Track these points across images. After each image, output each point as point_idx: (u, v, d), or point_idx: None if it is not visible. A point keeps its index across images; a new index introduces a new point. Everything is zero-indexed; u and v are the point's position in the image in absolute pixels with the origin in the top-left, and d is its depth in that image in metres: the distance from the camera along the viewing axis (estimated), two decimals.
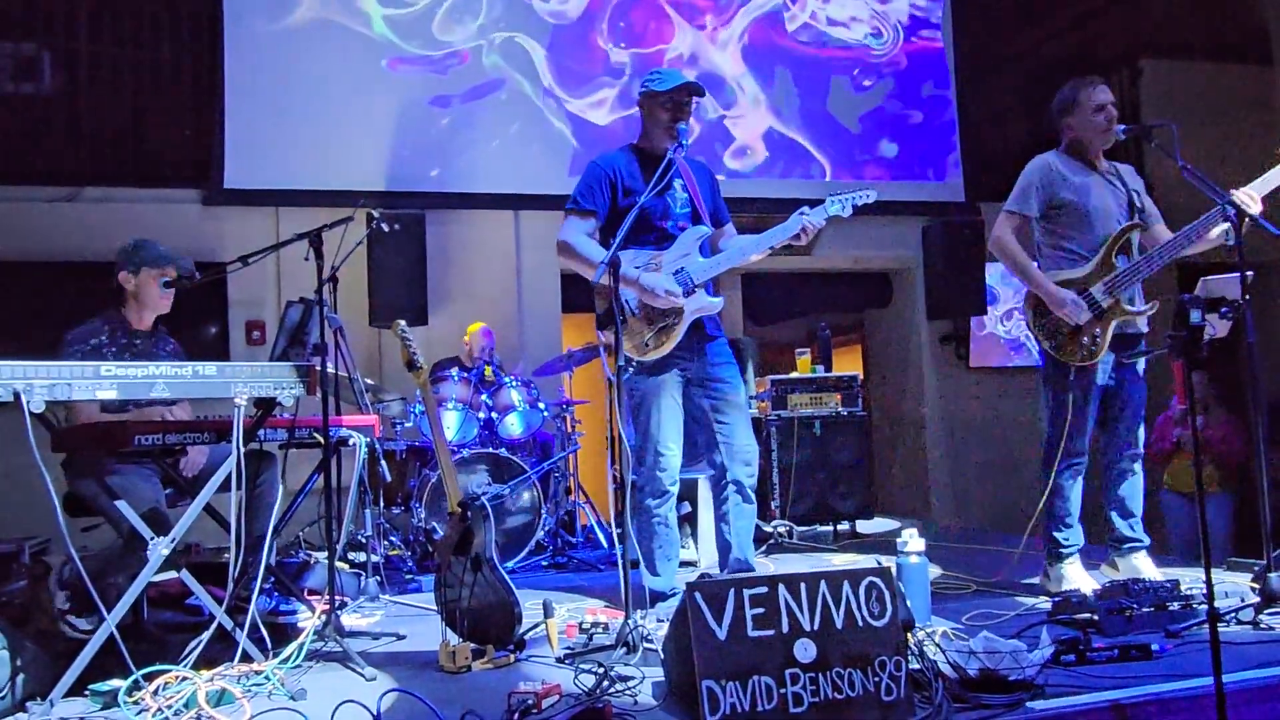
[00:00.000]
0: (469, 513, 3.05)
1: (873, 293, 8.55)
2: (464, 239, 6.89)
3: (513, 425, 5.37)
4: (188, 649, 2.75)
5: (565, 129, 7.03)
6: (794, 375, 5.96)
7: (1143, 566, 3.71)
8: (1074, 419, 3.61)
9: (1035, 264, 3.73)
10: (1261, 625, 2.94)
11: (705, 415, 3.51)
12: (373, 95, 6.67)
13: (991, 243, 3.80)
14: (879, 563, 2.54)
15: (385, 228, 5.80)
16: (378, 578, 4.23)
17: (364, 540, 4.54)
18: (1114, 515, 3.80)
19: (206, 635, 2.77)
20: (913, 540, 3.16)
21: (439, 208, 6.71)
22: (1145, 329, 3.75)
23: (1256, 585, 3.11)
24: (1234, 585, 3.35)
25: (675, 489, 3.49)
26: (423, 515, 4.89)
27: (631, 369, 3.33)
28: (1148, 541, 3.79)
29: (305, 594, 3.70)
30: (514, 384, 5.41)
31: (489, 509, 3.05)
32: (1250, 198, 3.26)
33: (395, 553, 5.04)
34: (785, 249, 3.55)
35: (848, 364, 7.66)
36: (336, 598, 3.10)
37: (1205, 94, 8.57)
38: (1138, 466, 3.78)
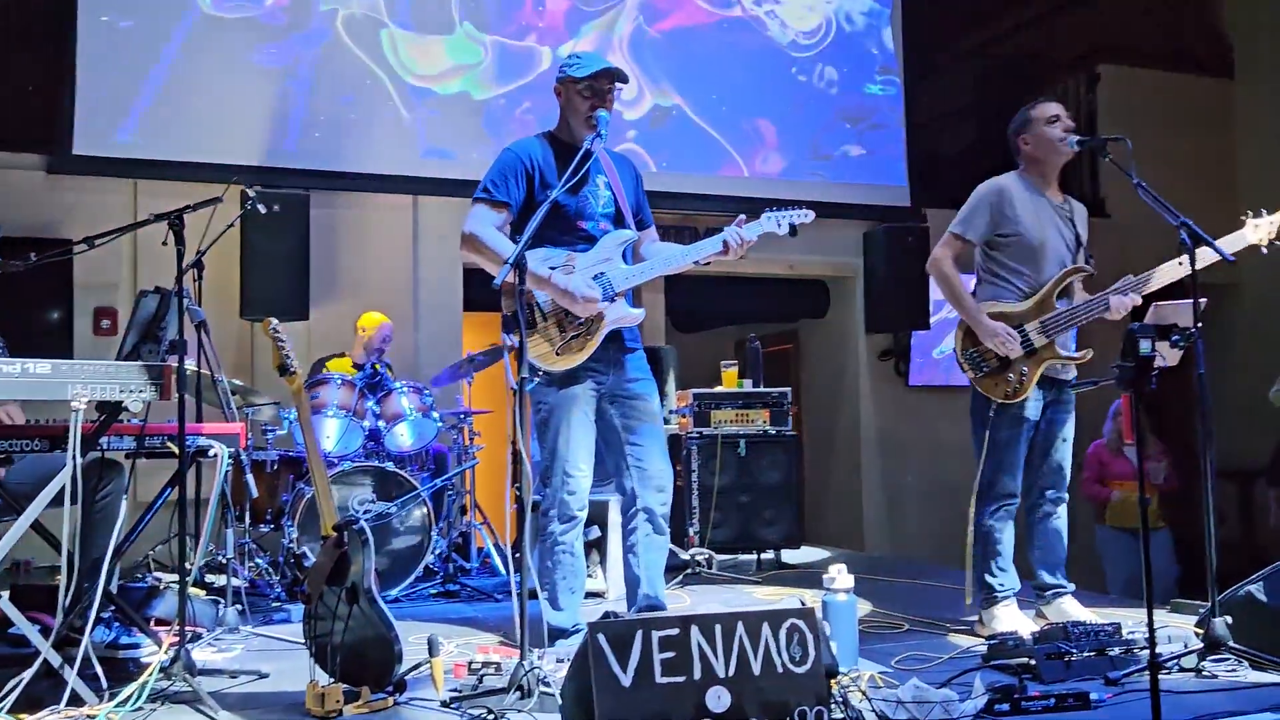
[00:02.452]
0: (345, 536, 2.98)
1: (808, 301, 8.67)
2: (354, 224, 6.79)
3: (402, 436, 5.32)
4: (6, 688, 2.62)
5: (475, 114, 6.97)
6: (719, 389, 6.01)
7: (1072, 611, 3.82)
8: (1002, 457, 3.72)
9: (971, 292, 3.85)
10: (1205, 673, 3.04)
11: (617, 435, 3.50)
12: (252, 54, 6.51)
13: (929, 264, 3.91)
14: (803, 602, 2.55)
15: (263, 209, 5.67)
16: (239, 606, 4.11)
17: (224, 562, 4.41)
18: (1036, 562, 3.93)
19: (29, 673, 2.65)
20: (840, 576, 3.20)
21: (326, 188, 6.59)
22: (1072, 375, 3.88)
23: (1200, 630, 3.22)
24: (1178, 629, 3.46)
25: (584, 514, 3.46)
26: (295, 535, 4.78)
27: (538, 379, 3.30)
28: (1071, 587, 3.92)
29: (151, 624, 3.57)
30: (405, 389, 5.36)
31: (369, 533, 2.99)
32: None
33: (261, 577, 4.94)
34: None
35: (778, 378, 7.73)
36: (188, 629, 2.99)
37: (1165, 104, 8.93)
38: (1062, 510, 3.92)
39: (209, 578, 4.75)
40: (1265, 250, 3.66)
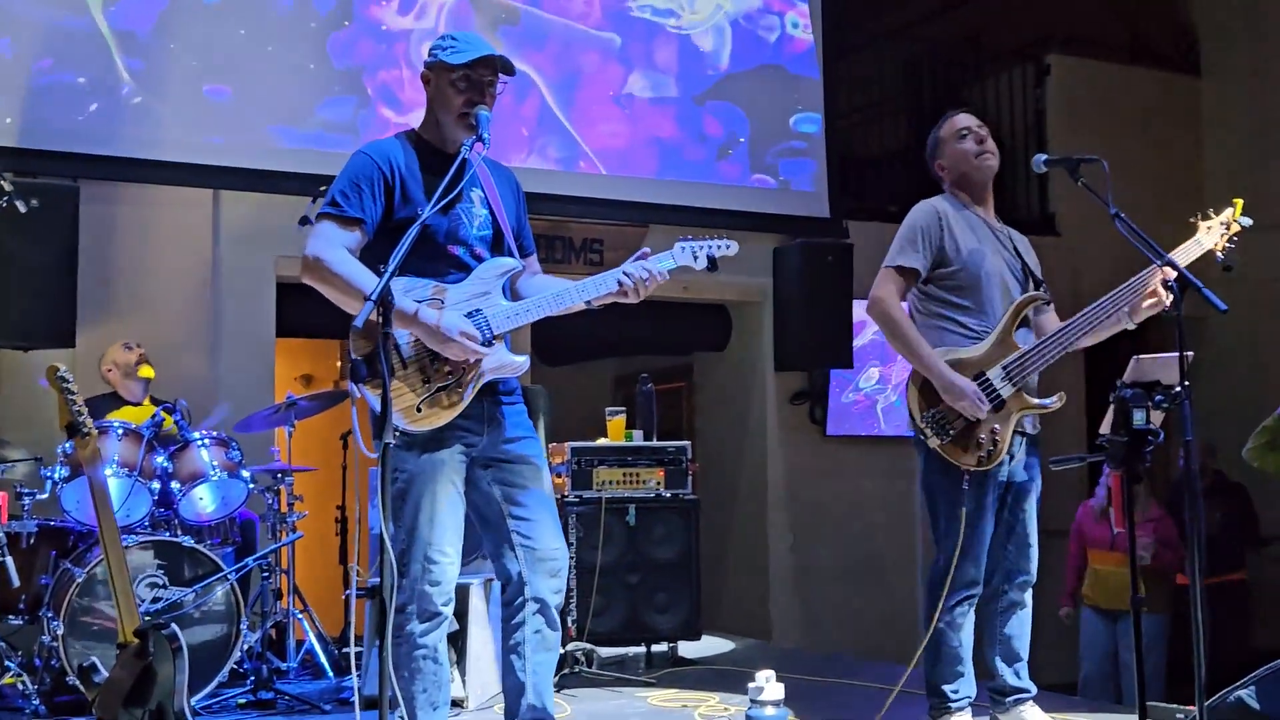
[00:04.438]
0: (151, 644, 2.93)
1: (704, 330, 8.81)
2: (137, 225, 6.64)
3: (202, 501, 5.27)
4: None
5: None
6: (603, 443, 6.05)
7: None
8: (970, 537, 3.84)
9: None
10: None
11: (496, 508, 3.49)
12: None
13: (869, 306, 4.03)
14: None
15: (21, 206, 5.48)
16: None
17: None
18: (997, 660, 4.06)
19: None
20: (769, 686, 3.28)
21: (101, 177, 6.43)
22: (1036, 429, 4.05)
23: None
24: None
25: (449, 609, 3.44)
26: (60, 630, 4.64)
27: (395, 441, 3.29)
28: (1034, 690, 4.07)
29: None
30: (206, 441, 5.29)
31: (182, 639, 2.94)
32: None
33: (11, 682, 4.80)
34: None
35: (668, 424, 7.83)
36: None
37: (1121, 101, 9.46)
38: (1028, 596, 4.06)
39: None
40: (1221, 256, 3.93)
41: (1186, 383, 3.24)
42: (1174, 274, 3.41)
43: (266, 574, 5.39)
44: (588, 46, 7.69)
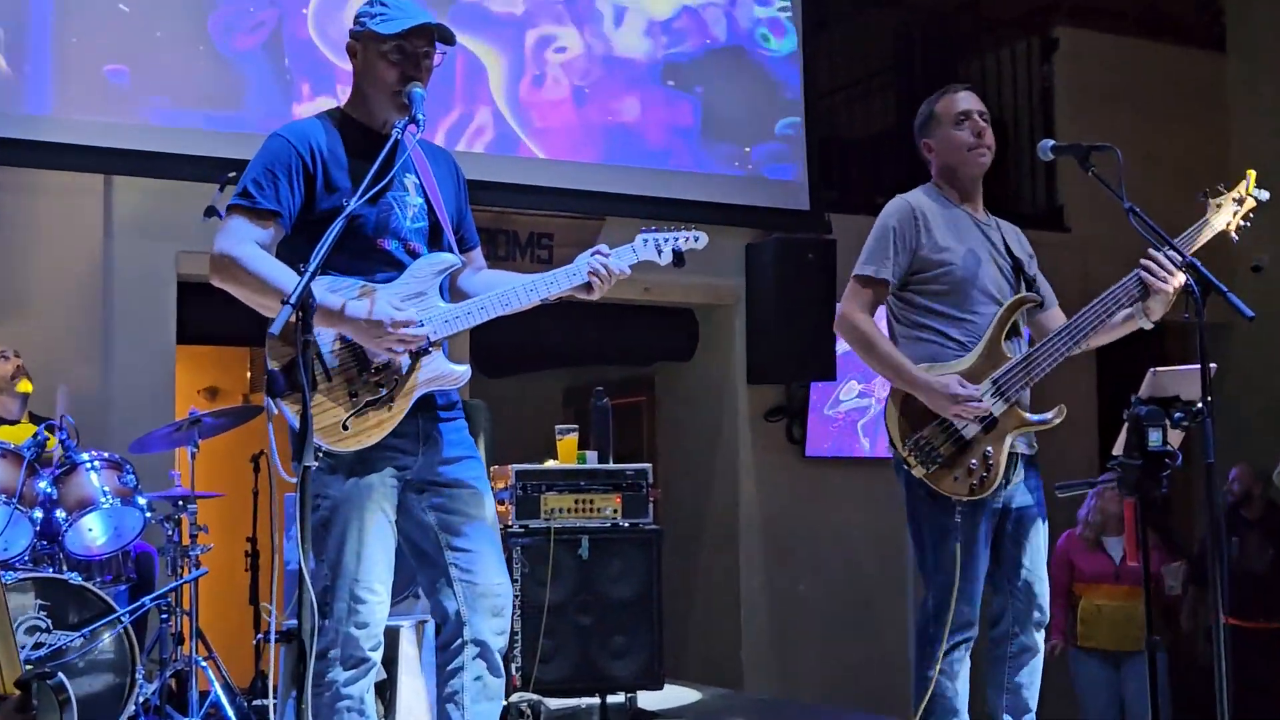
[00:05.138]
0: (34, 695, 2.92)
1: (668, 338, 8.82)
2: (15, 215, 6.62)
3: (91, 532, 5.25)
4: None
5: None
6: (551, 465, 6.07)
7: None
8: (963, 575, 3.85)
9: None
10: None
11: (432, 538, 3.49)
12: None
13: (837, 322, 4.07)
14: None
15: None
16: None
17: None
18: (1003, 712, 4.07)
19: None
20: None
21: None
22: (1034, 448, 4.07)
23: None
24: None
25: (378, 654, 3.45)
26: None
27: (317, 463, 3.29)
28: None
29: None
30: (95, 463, 5.29)
31: (70, 691, 2.94)
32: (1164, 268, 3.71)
33: None
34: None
35: (627, 444, 7.83)
36: None
37: (1137, 79, 9.56)
38: (1041, 639, 4.08)
39: None
40: (1236, 237, 3.98)
41: (1209, 398, 3.29)
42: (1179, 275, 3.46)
43: (165, 615, 5.39)
44: (538, 16, 7.70)
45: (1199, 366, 3.30)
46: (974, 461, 3.85)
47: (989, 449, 3.86)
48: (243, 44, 6.97)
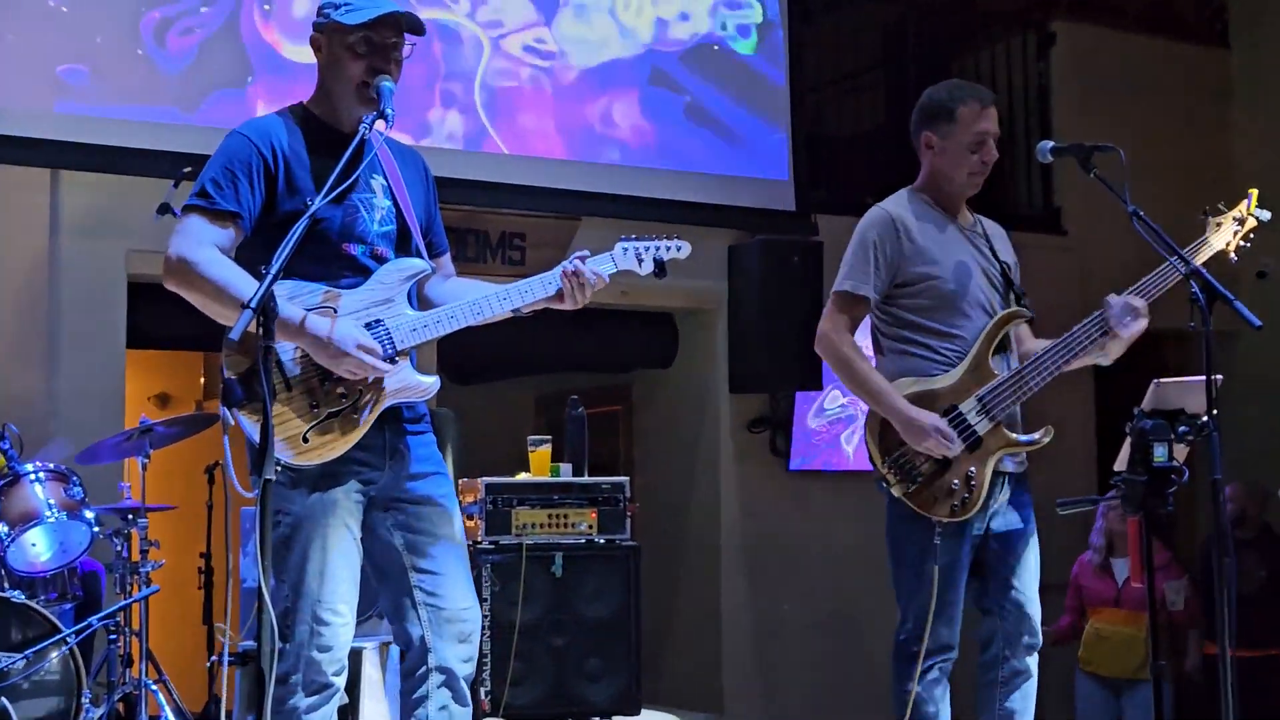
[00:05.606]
0: None
1: (647, 344, 8.81)
2: None
3: (35, 547, 5.26)
4: None
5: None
6: (523, 478, 6.06)
7: None
8: (942, 595, 3.88)
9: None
10: None
11: (396, 559, 3.49)
12: None
13: (817, 341, 4.11)
14: None
15: None
16: None
17: None
18: None
19: None
20: None
21: None
22: (1022, 468, 4.11)
23: None
24: None
25: (342, 679, 3.44)
26: None
27: (278, 477, 3.28)
28: None
29: None
30: (39, 475, 5.32)
31: (13, 716, 2.92)
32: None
33: None
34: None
35: (603, 456, 7.81)
36: None
37: (1138, 76, 9.58)
38: (1034, 663, 4.10)
39: None
40: (1235, 258, 4.01)
41: (1215, 411, 3.30)
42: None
43: (114, 636, 5.38)
44: (512, 6, 7.70)
45: (1204, 378, 3.32)
46: (955, 482, 3.87)
47: (972, 469, 3.88)
48: (197, 35, 6.94)
